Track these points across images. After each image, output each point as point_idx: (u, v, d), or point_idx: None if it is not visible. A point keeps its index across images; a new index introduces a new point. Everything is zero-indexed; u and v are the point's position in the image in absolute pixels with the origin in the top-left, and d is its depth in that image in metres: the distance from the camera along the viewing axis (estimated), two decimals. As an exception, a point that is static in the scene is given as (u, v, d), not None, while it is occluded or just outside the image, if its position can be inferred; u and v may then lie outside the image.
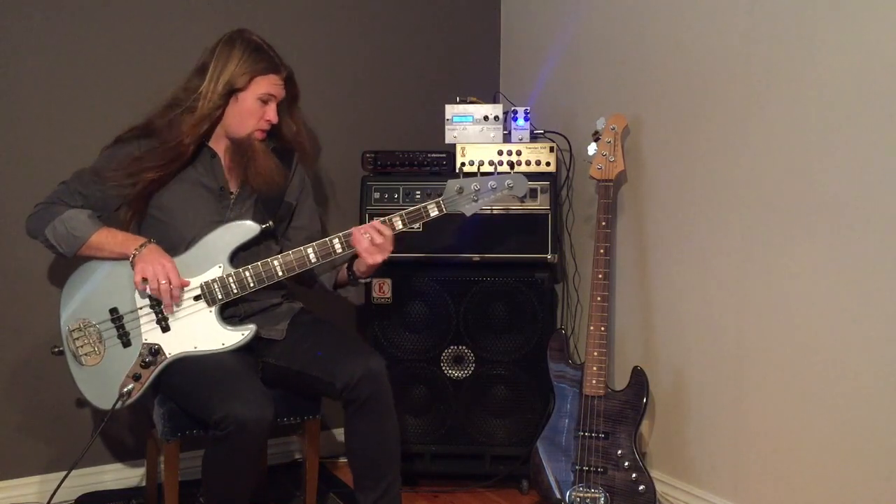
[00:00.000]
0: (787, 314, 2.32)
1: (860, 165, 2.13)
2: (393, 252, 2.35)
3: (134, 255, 2.23)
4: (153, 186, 2.31)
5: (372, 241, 2.29)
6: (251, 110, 2.32)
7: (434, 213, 2.35)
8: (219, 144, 2.38)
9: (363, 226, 2.32)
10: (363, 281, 2.47)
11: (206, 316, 2.27)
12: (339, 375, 2.23)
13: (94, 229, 2.26)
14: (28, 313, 2.64)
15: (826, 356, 2.23)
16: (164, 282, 2.20)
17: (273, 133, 2.42)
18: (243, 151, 2.35)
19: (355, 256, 2.38)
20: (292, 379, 2.35)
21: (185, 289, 2.26)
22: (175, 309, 2.25)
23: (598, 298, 2.56)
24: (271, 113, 2.35)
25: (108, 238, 2.26)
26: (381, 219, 2.33)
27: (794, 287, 2.30)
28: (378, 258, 2.31)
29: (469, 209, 2.37)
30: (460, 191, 2.36)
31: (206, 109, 2.29)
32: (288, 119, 2.44)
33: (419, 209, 2.34)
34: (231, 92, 2.30)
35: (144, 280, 2.20)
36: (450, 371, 2.82)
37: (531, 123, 2.87)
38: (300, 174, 2.55)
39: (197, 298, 2.27)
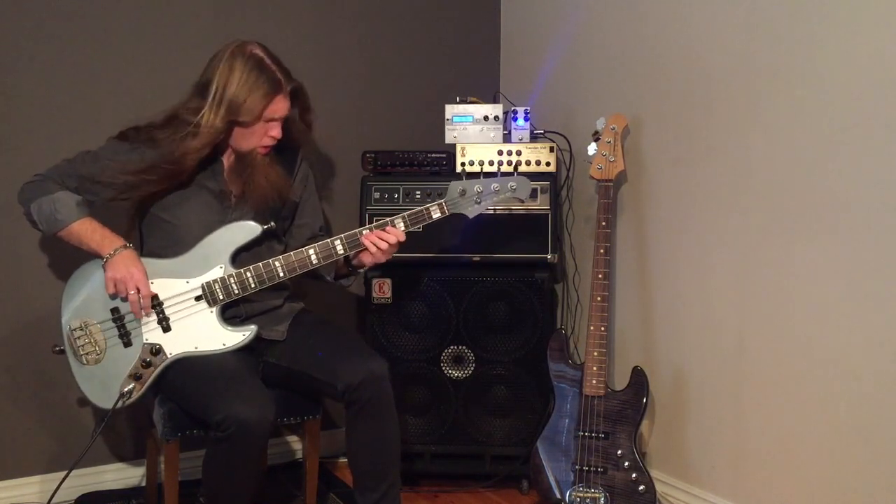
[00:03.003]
0: (788, 314, 2.33)
1: (861, 166, 2.13)
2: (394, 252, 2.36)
3: (106, 259, 2.23)
4: (154, 198, 2.32)
5: (378, 247, 2.30)
6: (253, 130, 2.30)
7: (436, 214, 2.35)
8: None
9: (371, 234, 2.31)
10: (361, 271, 2.47)
11: (208, 316, 2.27)
12: (341, 377, 2.23)
13: (78, 217, 2.26)
14: (29, 312, 2.64)
15: (826, 356, 2.23)
16: (132, 292, 2.21)
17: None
18: (244, 165, 2.34)
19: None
20: (293, 379, 2.35)
21: (187, 289, 2.26)
22: (144, 319, 2.25)
23: (598, 298, 2.57)
24: (275, 131, 2.32)
25: (88, 231, 2.26)
26: (382, 220, 2.32)
27: (794, 287, 2.31)
28: (382, 259, 2.33)
29: (471, 211, 2.37)
30: (463, 193, 2.36)
31: (208, 137, 2.25)
32: (294, 118, 2.43)
33: (421, 211, 2.34)
34: (233, 121, 2.26)
35: (114, 288, 2.21)
36: (450, 371, 2.82)
37: (531, 123, 2.87)
38: (304, 171, 2.54)
39: (198, 299, 2.27)
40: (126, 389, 2.21)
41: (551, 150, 2.81)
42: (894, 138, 2.06)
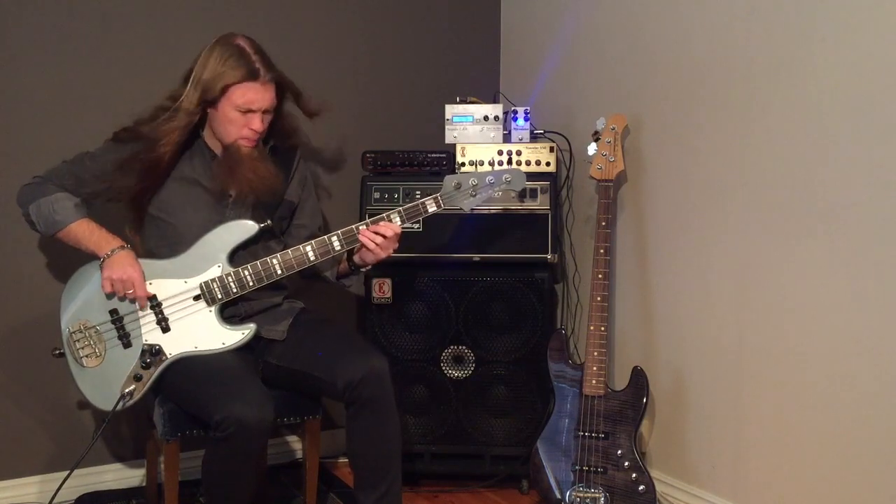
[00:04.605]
0: (787, 314, 2.32)
1: (860, 166, 2.13)
2: (393, 252, 2.36)
3: (103, 260, 2.23)
4: (145, 195, 2.31)
5: (375, 242, 2.29)
6: (230, 119, 2.27)
7: (432, 208, 2.34)
8: (217, 146, 2.38)
9: (367, 230, 2.30)
10: (364, 270, 2.47)
11: (206, 316, 2.27)
12: (341, 375, 2.23)
13: (76, 218, 2.26)
14: (28, 314, 2.64)
15: (825, 356, 2.23)
16: (129, 291, 2.21)
17: (273, 131, 2.41)
18: (229, 157, 2.33)
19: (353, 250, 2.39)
20: (294, 379, 2.35)
21: (185, 289, 2.26)
22: (143, 320, 2.25)
23: (598, 298, 2.57)
24: (255, 123, 2.29)
25: (86, 232, 2.26)
26: (378, 216, 2.32)
27: (793, 287, 2.30)
28: (382, 255, 2.33)
29: (467, 204, 2.37)
30: (458, 186, 2.35)
31: (183, 119, 2.25)
32: (283, 114, 2.42)
33: (417, 205, 2.34)
34: (206, 101, 2.26)
35: (111, 288, 2.22)
36: (450, 371, 2.82)
37: (531, 123, 2.87)
38: (302, 172, 2.54)
39: (197, 298, 2.27)
40: (127, 390, 2.22)
41: (551, 150, 2.81)
42: (892, 138, 2.05)
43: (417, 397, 2.83)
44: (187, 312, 2.27)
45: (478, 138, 2.86)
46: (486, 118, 2.86)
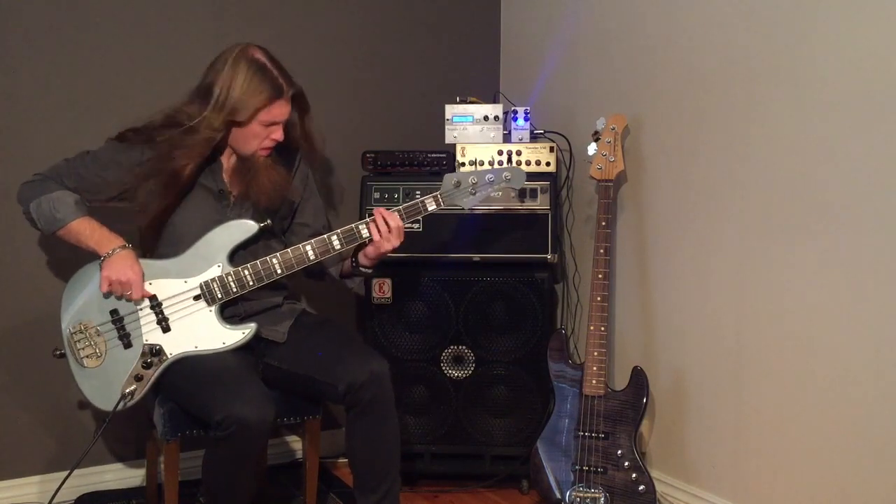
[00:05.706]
0: (787, 314, 2.32)
1: (860, 166, 2.13)
2: (393, 252, 2.36)
3: (103, 259, 2.23)
4: (164, 215, 2.32)
5: (380, 231, 2.30)
6: (255, 133, 2.30)
7: (431, 206, 2.34)
8: (221, 149, 2.38)
9: (375, 215, 2.31)
10: (365, 271, 2.46)
11: (207, 315, 2.27)
12: (342, 378, 2.23)
13: (77, 216, 2.26)
14: (29, 314, 2.64)
15: (825, 356, 2.23)
16: (127, 293, 2.21)
17: None
18: (247, 168, 2.34)
19: (359, 248, 2.39)
20: (294, 382, 2.34)
21: (185, 289, 2.26)
22: (143, 320, 2.25)
23: (598, 298, 2.57)
24: (278, 133, 2.32)
25: (86, 230, 2.26)
26: None
27: (793, 287, 2.30)
28: (386, 246, 2.32)
29: (467, 203, 2.37)
30: (457, 185, 2.35)
31: (207, 135, 2.25)
32: (295, 122, 2.43)
33: (416, 203, 2.34)
34: (233, 122, 2.27)
35: (108, 288, 2.22)
36: (450, 371, 2.82)
37: (531, 123, 2.87)
38: (302, 172, 2.54)
39: (197, 298, 2.27)
40: (128, 391, 2.21)
41: (551, 150, 2.82)
42: (891, 139, 2.06)
43: (417, 397, 2.83)
44: (187, 312, 2.27)
45: (478, 138, 2.86)
46: (486, 118, 2.86)
